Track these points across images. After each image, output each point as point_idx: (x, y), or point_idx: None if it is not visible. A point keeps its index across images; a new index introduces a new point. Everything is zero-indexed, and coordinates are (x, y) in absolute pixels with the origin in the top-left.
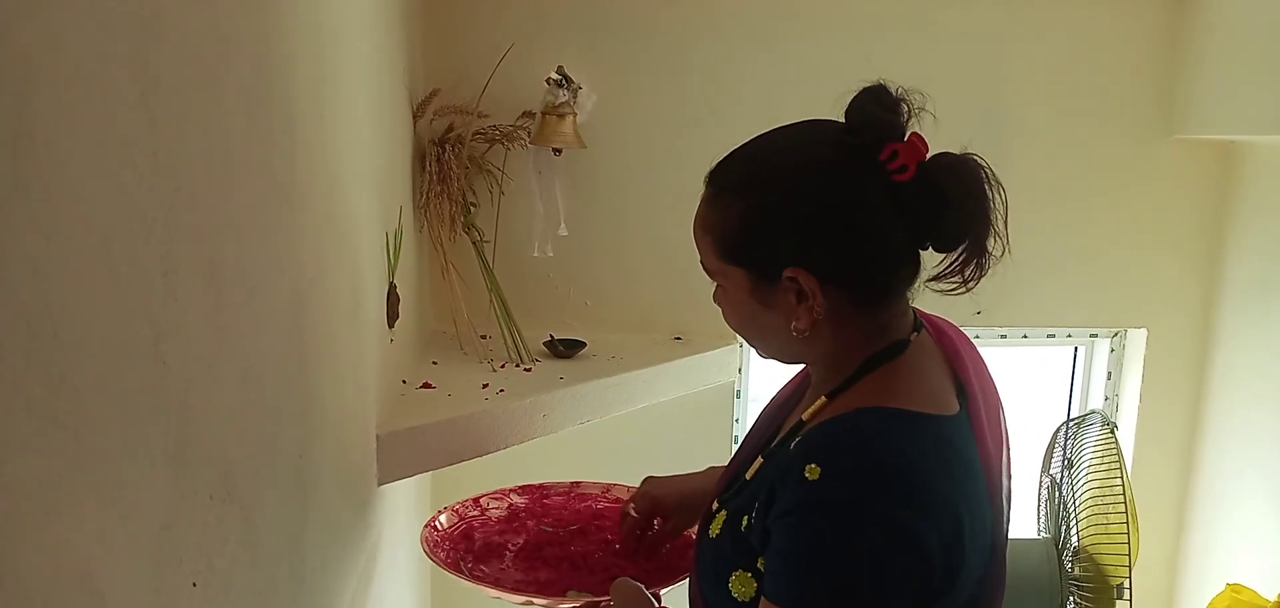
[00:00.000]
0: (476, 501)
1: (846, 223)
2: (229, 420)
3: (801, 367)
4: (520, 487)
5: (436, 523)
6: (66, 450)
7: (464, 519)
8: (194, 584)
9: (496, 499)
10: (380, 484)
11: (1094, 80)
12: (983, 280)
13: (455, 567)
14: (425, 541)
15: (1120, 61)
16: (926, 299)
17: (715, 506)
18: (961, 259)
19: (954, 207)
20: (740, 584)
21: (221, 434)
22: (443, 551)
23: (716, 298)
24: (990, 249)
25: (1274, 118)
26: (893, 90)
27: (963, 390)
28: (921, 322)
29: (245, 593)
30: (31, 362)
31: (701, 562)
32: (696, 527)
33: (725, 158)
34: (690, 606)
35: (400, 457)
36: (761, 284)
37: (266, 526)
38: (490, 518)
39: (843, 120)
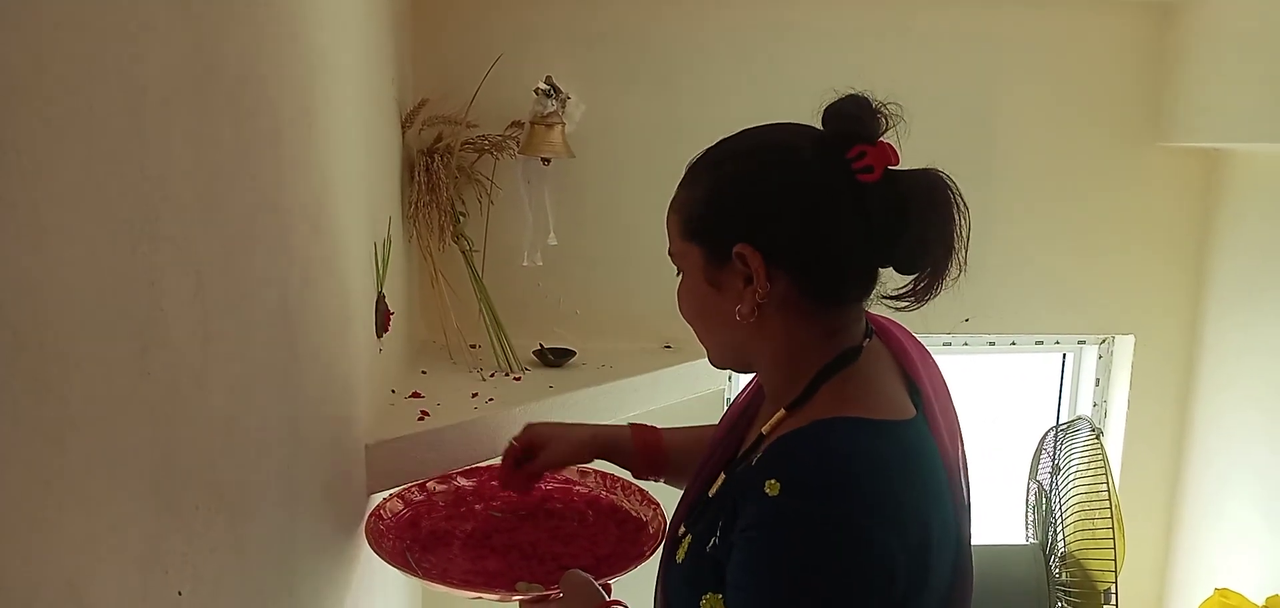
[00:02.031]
0: (423, 485)
1: (801, 206)
2: (216, 430)
3: (753, 377)
4: (467, 469)
5: (382, 512)
6: (52, 460)
7: (410, 505)
8: (179, 594)
9: (443, 483)
10: (370, 494)
11: (1081, 88)
12: (967, 289)
13: (401, 558)
14: (370, 531)
15: (1107, 70)
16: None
17: (681, 530)
18: (915, 279)
19: (915, 219)
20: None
21: (208, 444)
22: (388, 541)
23: (678, 290)
24: (949, 273)
25: (1258, 125)
26: (873, 101)
27: (916, 390)
28: (871, 327)
29: (233, 602)
30: (17, 372)
31: (669, 588)
32: (664, 540)
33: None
34: None
35: (389, 466)
36: (713, 263)
37: (255, 535)
38: (437, 504)
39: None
